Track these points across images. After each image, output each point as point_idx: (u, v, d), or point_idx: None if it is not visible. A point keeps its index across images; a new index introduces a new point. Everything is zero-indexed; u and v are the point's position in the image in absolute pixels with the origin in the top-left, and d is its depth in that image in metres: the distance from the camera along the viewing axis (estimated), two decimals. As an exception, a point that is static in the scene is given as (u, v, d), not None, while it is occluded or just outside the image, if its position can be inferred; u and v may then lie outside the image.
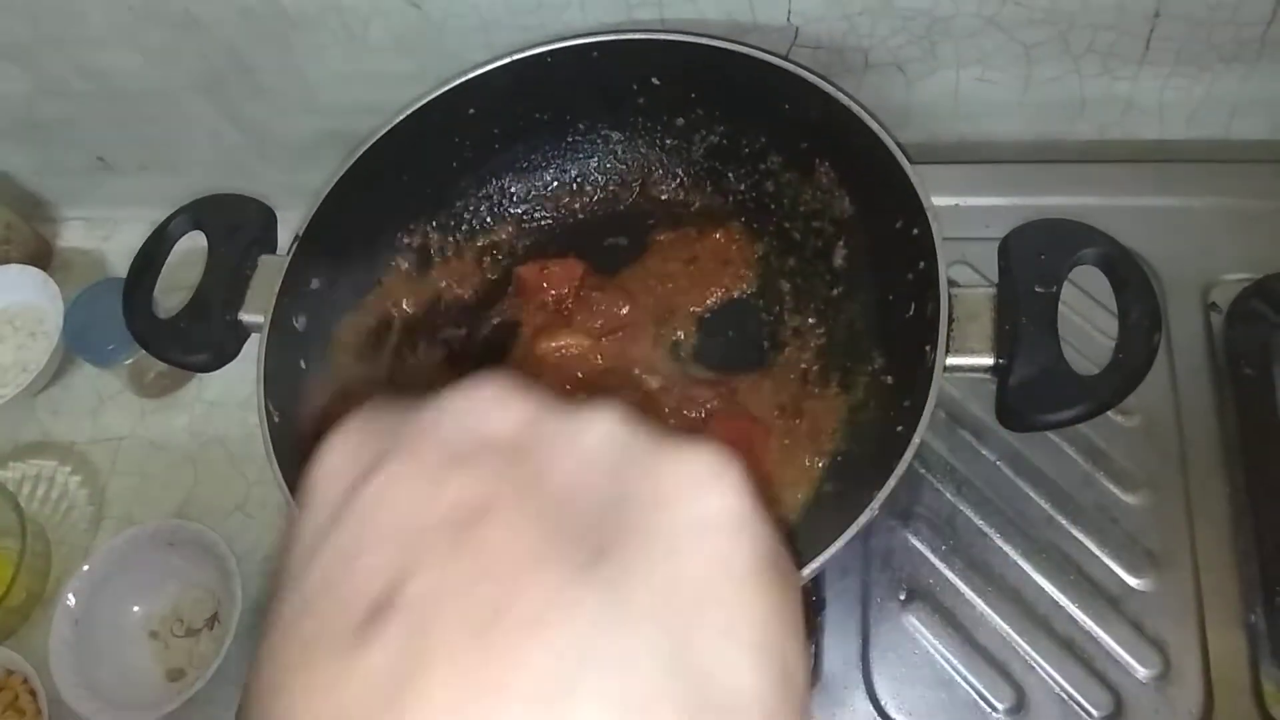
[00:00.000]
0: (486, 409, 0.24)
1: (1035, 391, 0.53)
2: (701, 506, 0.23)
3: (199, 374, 0.90)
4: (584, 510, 0.22)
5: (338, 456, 0.25)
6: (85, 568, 0.79)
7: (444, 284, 0.76)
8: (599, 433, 0.24)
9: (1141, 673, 0.63)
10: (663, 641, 0.21)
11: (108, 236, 1.04)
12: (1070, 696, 0.63)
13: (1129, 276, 0.54)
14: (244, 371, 0.64)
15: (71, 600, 0.79)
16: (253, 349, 0.64)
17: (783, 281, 0.73)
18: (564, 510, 0.22)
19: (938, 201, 0.59)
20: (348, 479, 0.24)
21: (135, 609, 0.82)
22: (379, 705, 0.19)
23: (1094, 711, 0.62)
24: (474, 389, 0.25)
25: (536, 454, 0.23)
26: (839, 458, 0.65)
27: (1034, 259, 0.56)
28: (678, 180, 0.77)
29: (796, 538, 0.57)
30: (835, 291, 0.71)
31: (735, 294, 0.73)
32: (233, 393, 0.91)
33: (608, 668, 0.20)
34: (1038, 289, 0.55)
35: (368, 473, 0.23)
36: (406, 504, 0.22)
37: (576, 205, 0.79)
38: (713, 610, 0.22)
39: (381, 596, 0.21)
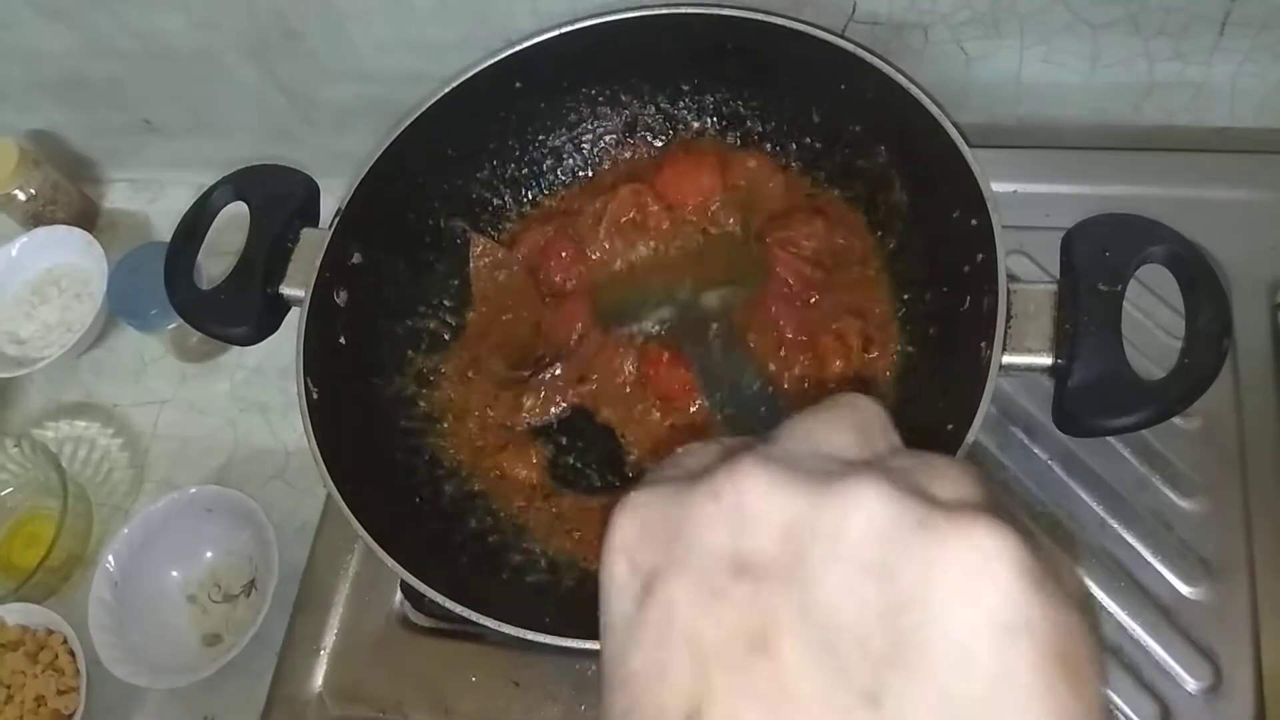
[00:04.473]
0: (752, 516, 0.24)
1: (1095, 395, 0.51)
2: (977, 609, 0.21)
3: (241, 344, 0.91)
4: (858, 625, 0.22)
5: (625, 545, 0.26)
6: (125, 531, 0.80)
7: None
8: (862, 522, 0.23)
9: (1191, 684, 0.61)
10: None
11: (153, 199, 1.04)
12: (1115, 706, 0.61)
13: (1199, 276, 0.52)
14: (286, 339, 0.63)
15: (111, 563, 0.79)
16: (294, 321, 0.64)
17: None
18: (839, 630, 0.22)
19: (996, 188, 0.57)
20: (636, 575, 0.25)
21: (174, 573, 0.83)
22: None
23: (1140, 722, 0.61)
24: (735, 490, 0.24)
25: (806, 560, 0.23)
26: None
27: (1098, 255, 0.53)
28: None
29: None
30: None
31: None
32: (275, 360, 0.91)
33: None
34: (1101, 287, 0.52)
35: (653, 577, 0.24)
36: (695, 624, 0.23)
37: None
38: None
39: None
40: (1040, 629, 0.21)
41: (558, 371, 0.70)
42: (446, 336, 0.73)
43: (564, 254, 0.73)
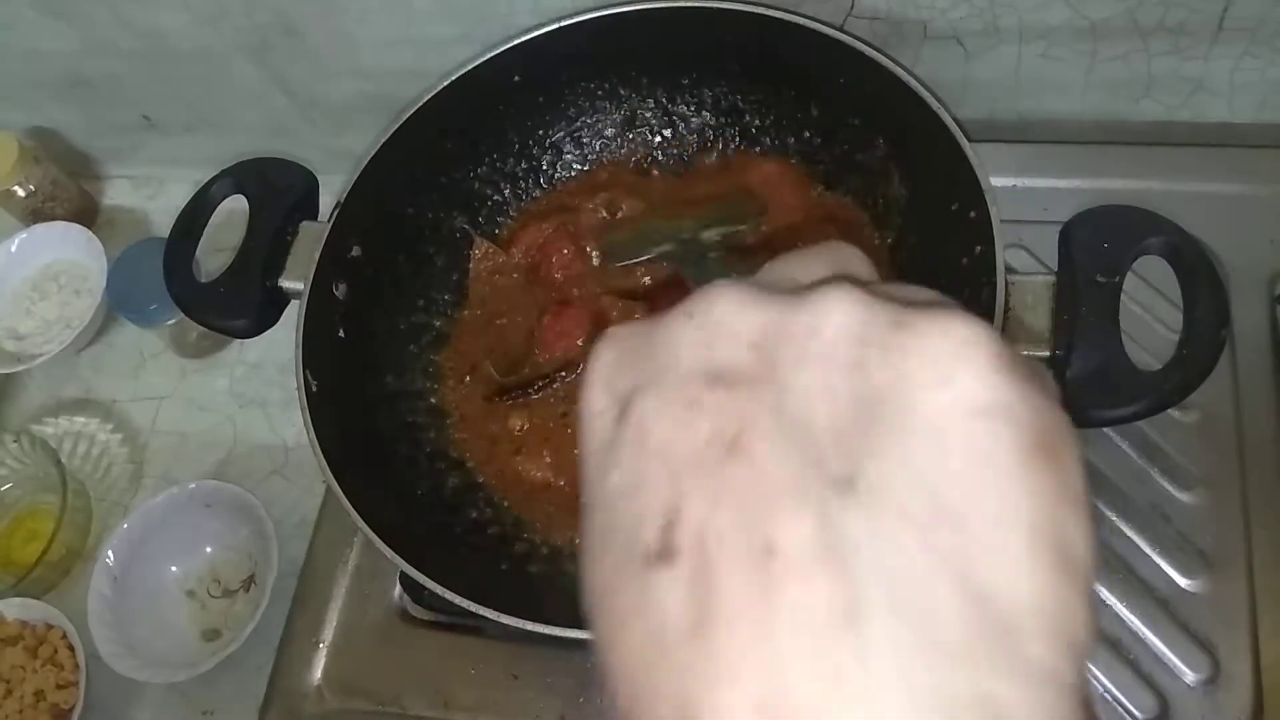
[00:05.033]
0: (723, 327, 0.24)
1: (1093, 386, 0.51)
2: (951, 392, 0.21)
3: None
4: (833, 418, 0.22)
5: (602, 375, 0.26)
6: (124, 526, 0.80)
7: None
8: (834, 324, 0.23)
9: (1190, 676, 0.61)
10: (933, 555, 0.20)
11: (153, 195, 1.04)
12: (1114, 699, 0.61)
13: (1197, 268, 0.52)
14: (286, 335, 0.63)
15: (110, 558, 0.79)
16: (293, 315, 0.64)
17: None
18: (813, 424, 0.22)
19: (995, 182, 0.57)
20: (614, 401, 0.25)
21: (173, 568, 0.83)
22: (679, 640, 0.21)
23: (1139, 715, 0.61)
24: (708, 305, 0.24)
25: (778, 365, 0.23)
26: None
27: (1097, 247, 0.53)
28: (722, 153, 0.76)
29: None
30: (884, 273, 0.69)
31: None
32: (274, 356, 0.92)
33: (881, 593, 0.20)
34: (1099, 278, 0.52)
35: (629, 398, 0.24)
36: (669, 435, 0.23)
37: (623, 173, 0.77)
38: (980, 506, 0.20)
39: (663, 534, 0.22)
40: (1017, 413, 0.21)
41: (554, 387, 0.70)
42: (448, 331, 0.74)
43: (564, 251, 0.73)
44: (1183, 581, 0.64)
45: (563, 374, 0.70)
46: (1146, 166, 0.75)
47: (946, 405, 0.21)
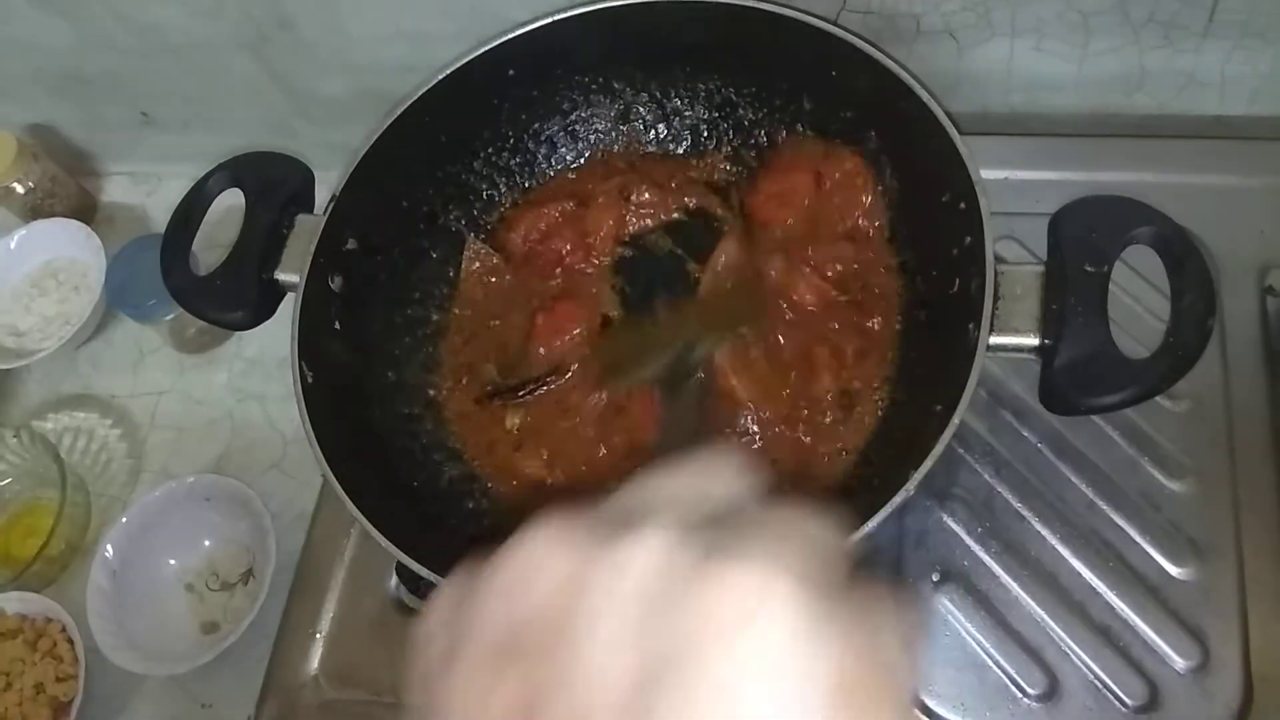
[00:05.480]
0: (526, 580, 0.25)
1: (1081, 374, 0.51)
2: (743, 648, 0.21)
3: (238, 331, 0.91)
4: (620, 692, 0.22)
5: (434, 624, 0.27)
6: (123, 520, 0.81)
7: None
8: (636, 573, 0.23)
9: (1180, 663, 0.62)
10: None
11: (151, 192, 1.05)
12: (1104, 685, 0.62)
13: (1184, 257, 0.52)
14: (283, 330, 0.64)
15: (109, 551, 0.80)
16: (289, 308, 0.64)
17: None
18: (600, 701, 0.22)
19: (987, 175, 0.57)
20: (438, 656, 0.26)
21: (171, 562, 0.83)
22: None
23: (1129, 701, 0.61)
24: (512, 556, 0.25)
25: (573, 623, 0.23)
26: (877, 434, 0.64)
27: (1085, 237, 0.54)
28: (717, 147, 0.76)
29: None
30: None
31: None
32: (272, 351, 0.92)
33: None
34: (1088, 268, 0.53)
35: (447, 660, 0.25)
36: (472, 705, 0.24)
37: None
38: None
39: None
40: (812, 663, 0.21)
41: (551, 387, 0.70)
42: (445, 324, 0.74)
43: (566, 238, 0.73)
44: (1173, 569, 0.64)
45: (551, 378, 0.70)
46: (1138, 159, 0.76)
47: (739, 663, 0.21)
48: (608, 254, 0.73)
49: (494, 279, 0.75)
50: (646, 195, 0.73)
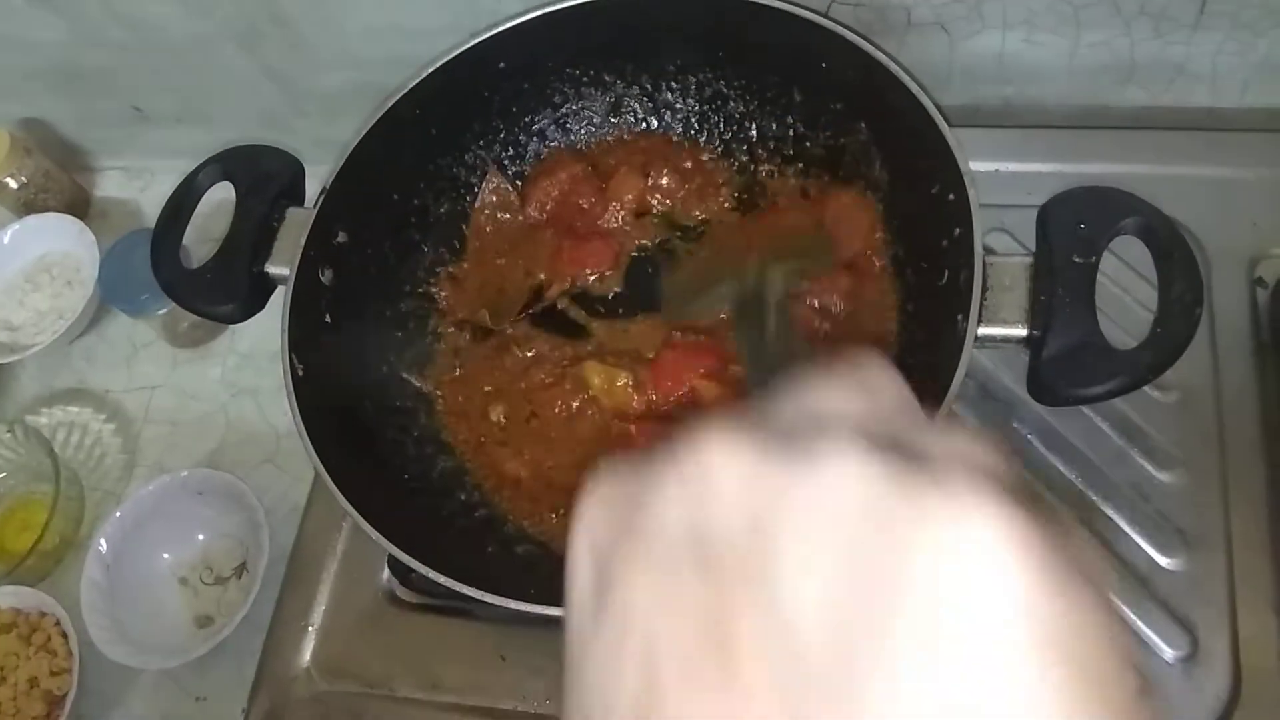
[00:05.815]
0: (714, 489, 0.21)
1: (1068, 365, 0.51)
2: (970, 607, 0.18)
3: (231, 326, 0.91)
4: (827, 631, 0.19)
5: (586, 537, 0.24)
6: (117, 514, 0.81)
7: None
8: (834, 499, 0.20)
9: (1169, 654, 0.62)
10: None
11: (144, 187, 1.05)
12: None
13: (1171, 248, 0.52)
14: (276, 324, 0.64)
15: (103, 546, 0.80)
16: (279, 301, 0.64)
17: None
18: (804, 637, 0.19)
19: (978, 167, 0.57)
20: (596, 563, 0.23)
21: (165, 556, 0.83)
22: None
23: (1117, 691, 0.61)
24: (698, 460, 0.22)
25: (774, 541, 0.20)
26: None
27: (1073, 228, 0.54)
28: (708, 140, 0.76)
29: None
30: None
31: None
32: (265, 345, 0.92)
33: None
34: (1076, 259, 0.53)
35: (612, 565, 0.22)
36: (652, 623, 0.21)
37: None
38: None
39: None
40: (1055, 635, 0.18)
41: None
42: (435, 316, 0.74)
43: (590, 201, 0.74)
44: (1162, 560, 0.64)
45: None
46: (1129, 150, 0.76)
47: (962, 627, 0.18)
48: (630, 222, 0.74)
49: (506, 216, 0.75)
50: (665, 179, 0.73)
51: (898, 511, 0.19)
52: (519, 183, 0.77)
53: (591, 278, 0.73)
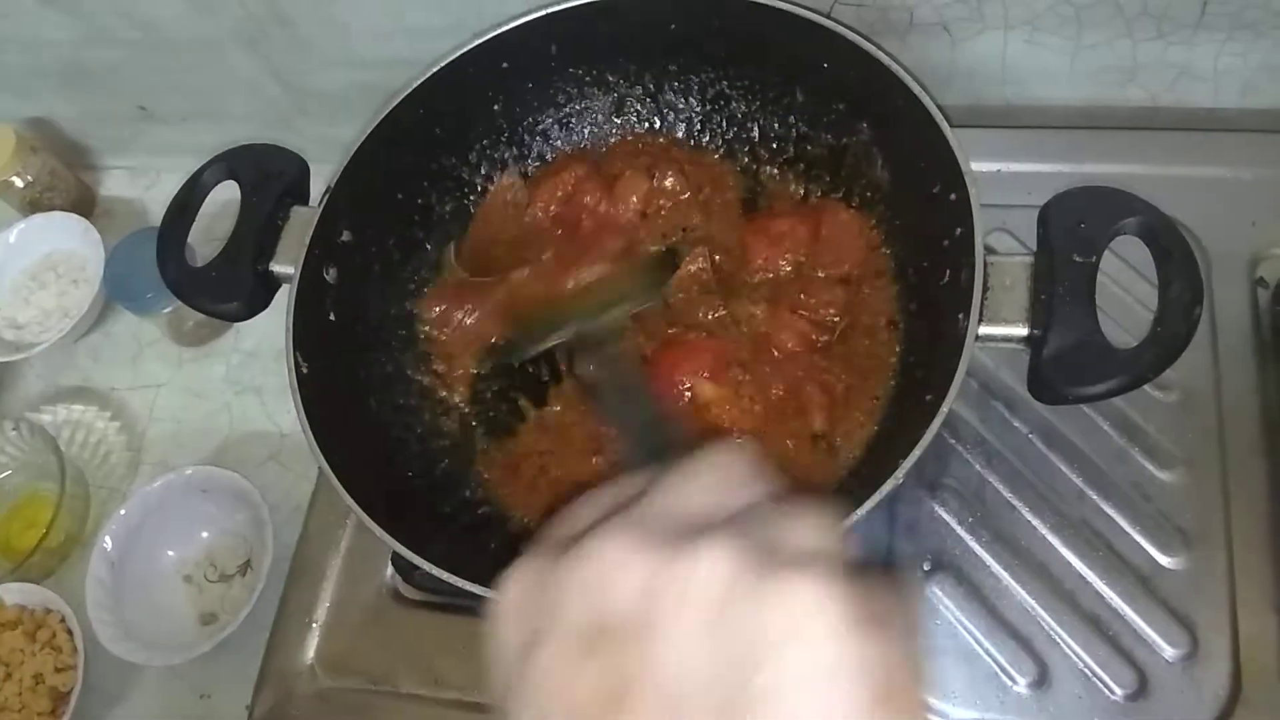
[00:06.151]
0: (611, 577, 0.28)
1: (1069, 363, 0.51)
2: (802, 652, 0.25)
3: (236, 324, 0.92)
4: (702, 681, 0.25)
5: (508, 611, 0.30)
6: (122, 512, 0.81)
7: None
8: (704, 578, 0.26)
9: (1169, 652, 0.62)
10: None
11: (150, 186, 1.05)
12: (1094, 673, 0.62)
13: (1171, 247, 0.53)
14: (280, 322, 0.64)
15: (108, 543, 0.80)
16: (284, 299, 0.65)
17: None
18: (685, 689, 0.25)
19: (979, 167, 0.57)
20: (518, 638, 0.29)
21: (170, 553, 0.84)
22: None
23: (1117, 690, 0.61)
24: (599, 554, 0.28)
25: (659, 615, 0.26)
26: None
27: (1074, 227, 0.54)
28: (710, 140, 0.76)
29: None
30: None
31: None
32: (269, 343, 0.93)
33: None
34: (1076, 258, 0.53)
35: (531, 641, 0.28)
36: (564, 684, 0.27)
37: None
38: None
39: None
40: (859, 669, 0.25)
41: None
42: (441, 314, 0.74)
43: (595, 198, 0.73)
44: (1162, 559, 0.64)
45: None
46: (1130, 151, 0.76)
47: (799, 667, 0.25)
48: (636, 223, 0.73)
49: (514, 211, 0.75)
50: (670, 181, 0.73)
51: (751, 589, 0.26)
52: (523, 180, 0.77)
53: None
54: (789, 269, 0.69)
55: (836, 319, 0.67)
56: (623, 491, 0.33)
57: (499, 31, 0.68)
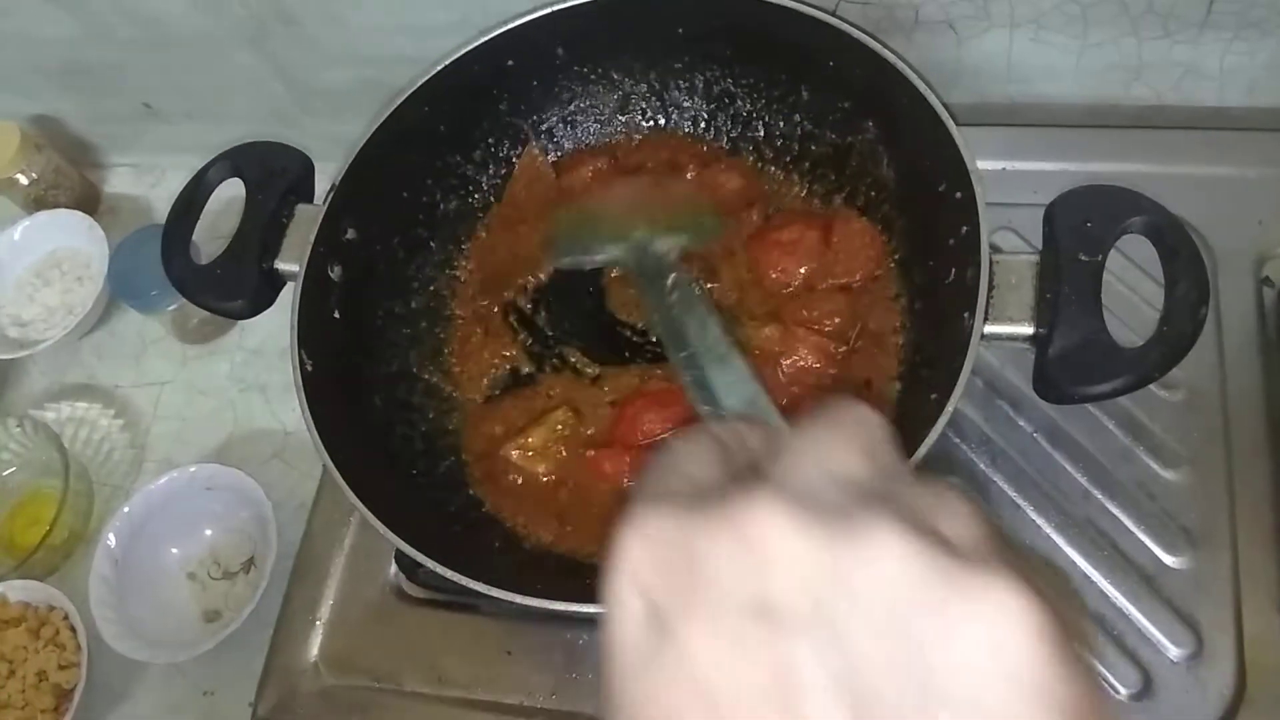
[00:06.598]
0: (774, 558, 0.23)
1: (1074, 362, 0.51)
2: (1001, 668, 0.22)
3: (240, 322, 0.92)
4: (881, 683, 0.22)
5: (631, 571, 0.25)
6: (125, 509, 0.81)
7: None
8: (883, 572, 0.23)
9: (1173, 652, 0.62)
10: None
11: (154, 183, 1.05)
12: (1098, 673, 0.62)
13: (1178, 246, 0.53)
14: (285, 320, 0.64)
15: (112, 540, 0.80)
16: (289, 297, 0.65)
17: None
18: (863, 688, 0.22)
19: (984, 165, 0.58)
20: (647, 605, 0.24)
21: (173, 550, 0.84)
22: None
23: (1122, 689, 0.61)
24: (757, 528, 0.24)
25: (828, 610, 0.23)
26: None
27: (1080, 226, 0.54)
28: (715, 138, 0.76)
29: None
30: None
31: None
32: (274, 341, 0.92)
33: None
34: (1082, 257, 0.53)
35: (670, 614, 0.24)
36: (716, 674, 0.23)
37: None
38: None
39: None
40: (1060, 693, 0.22)
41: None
42: (444, 311, 0.74)
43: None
44: (1167, 558, 0.64)
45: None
46: (1135, 149, 0.76)
47: (995, 684, 0.21)
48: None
49: (539, 186, 0.76)
50: (690, 174, 0.74)
51: (937, 589, 0.22)
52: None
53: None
54: (798, 282, 0.69)
55: (847, 327, 0.67)
56: (735, 441, 0.29)
57: (504, 29, 0.69)
